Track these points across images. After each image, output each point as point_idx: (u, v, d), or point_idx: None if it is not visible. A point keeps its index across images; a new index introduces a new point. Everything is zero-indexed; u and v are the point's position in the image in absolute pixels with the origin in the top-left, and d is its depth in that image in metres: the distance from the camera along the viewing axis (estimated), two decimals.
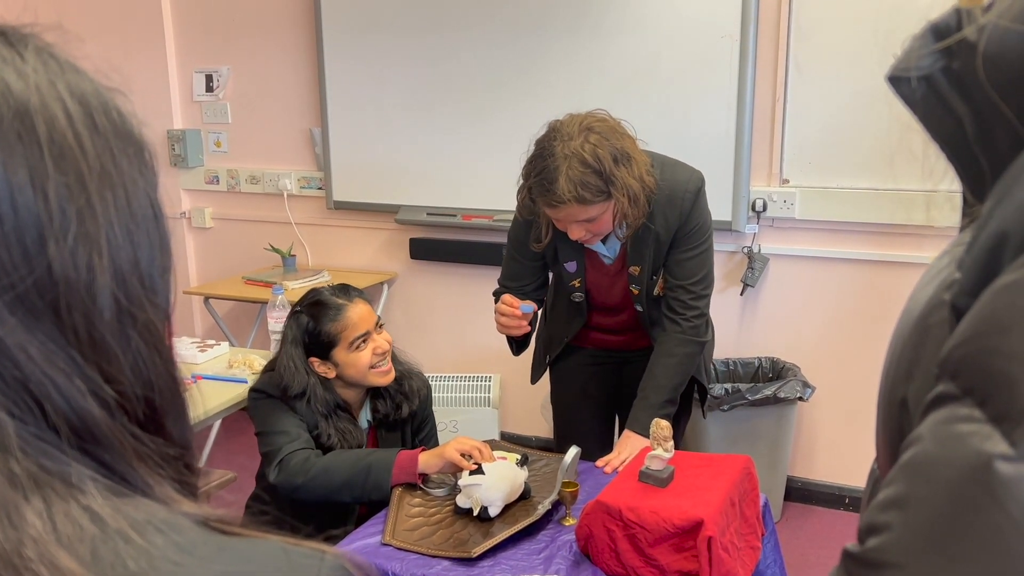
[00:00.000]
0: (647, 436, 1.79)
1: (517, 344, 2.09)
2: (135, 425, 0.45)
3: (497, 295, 2.16)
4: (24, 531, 0.37)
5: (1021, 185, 0.41)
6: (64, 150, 0.42)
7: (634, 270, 2.00)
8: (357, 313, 1.91)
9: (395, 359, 2.05)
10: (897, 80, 0.50)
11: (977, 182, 0.48)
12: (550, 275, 2.19)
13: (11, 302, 0.39)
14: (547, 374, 2.32)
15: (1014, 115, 0.45)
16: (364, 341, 1.91)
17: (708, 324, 2.10)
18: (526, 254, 2.06)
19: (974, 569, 0.38)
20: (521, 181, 1.89)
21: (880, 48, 2.61)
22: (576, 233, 1.85)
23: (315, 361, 1.92)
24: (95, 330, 0.43)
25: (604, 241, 2.00)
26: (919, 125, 0.50)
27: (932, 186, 0.54)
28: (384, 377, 1.95)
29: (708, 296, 2.04)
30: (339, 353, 1.90)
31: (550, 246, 2.01)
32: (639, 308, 2.06)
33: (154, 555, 0.40)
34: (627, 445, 2.00)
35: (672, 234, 1.96)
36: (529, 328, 1.99)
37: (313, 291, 1.99)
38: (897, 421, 0.49)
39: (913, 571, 0.40)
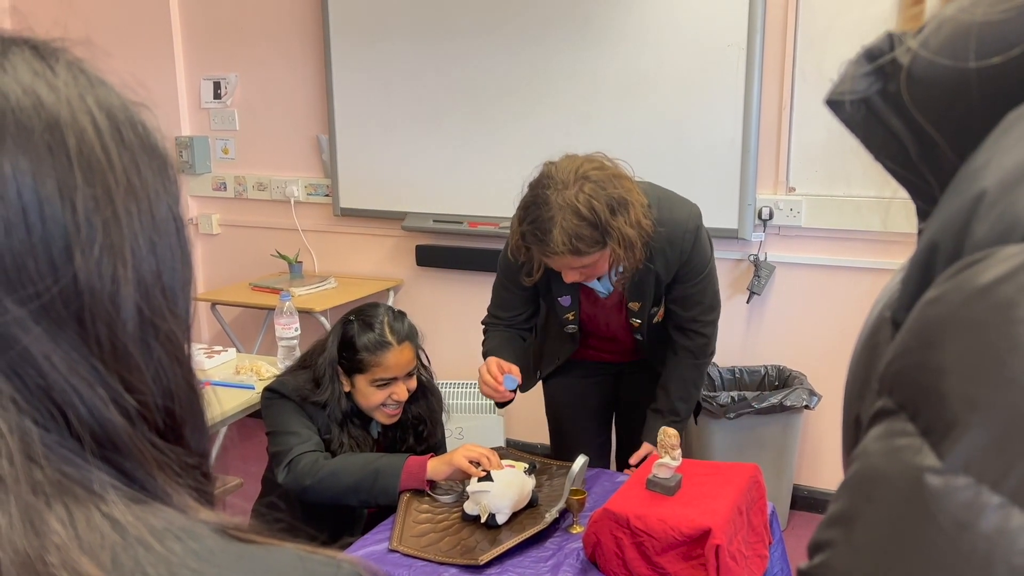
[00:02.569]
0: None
1: (499, 403, 2.05)
2: (155, 434, 0.46)
3: (487, 326, 2.12)
4: (47, 538, 0.38)
5: (949, 198, 0.42)
6: (92, 163, 0.42)
7: (633, 306, 1.98)
8: (395, 359, 1.91)
9: (425, 392, 2.06)
10: (836, 104, 0.50)
11: (927, 199, 0.49)
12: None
13: (36, 311, 0.40)
14: (540, 385, 2.30)
15: (944, 142, 0.45)
16: (387, 384, 1.93)
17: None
18: (518, 284, 2.00)
19: None
20: (515, 223, 1.83)
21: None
22: (570, 277, 1.83)
23: (340, 370, 1.95)
24: (118, 340, 0.43)
25: (599, 279, 1.97)
26: (863, 147, 0.51)
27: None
28: (388, 418, 1.98)
29: (715, 321, 2.05)
30: (359, 379, 1.93)
31: (543, 280, 1.96)
32: (639, 337, 2.05)
33: (173, 562, 0.41)
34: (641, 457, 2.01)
35: (673, 273, 1.94)
36: (512, 396, 1.96)
37: (374, 309, 1.98)
38: (853, 439, 0.50)
39: None
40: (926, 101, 0.45)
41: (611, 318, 2.05)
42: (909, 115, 0.46)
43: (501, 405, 2.08)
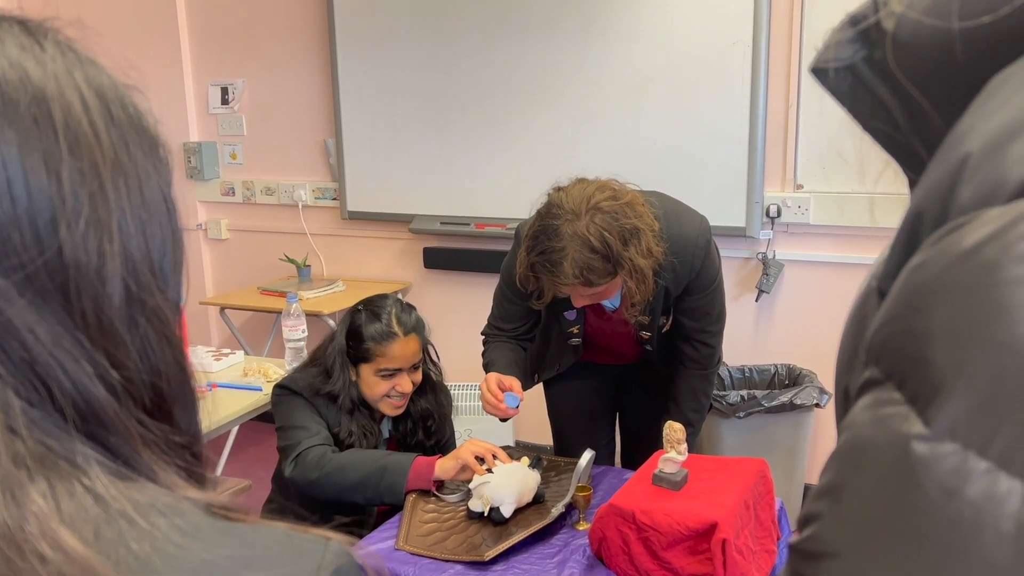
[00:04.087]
0: None
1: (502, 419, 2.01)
2: (142, 411, 0.45)
3: (487, 337, 2.09)
4: (27, 508, 0.37)
5: (935, 164, 0.41)
6: (79, 136, 0.42)
7: (643, 319, 1.95)
8: (401, 350, 1.91)
9: (434, 387, 2.06)
10: (821, 72, 0.49)
11: (917, 172, 0.48)
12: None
13: (21, 283, 0.40)
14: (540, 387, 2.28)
15: (931, 107, 0.45)
16: (391, 375, 1.93)
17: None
18: (521, 295, 1.95)
19: (902, 555, 0.37)
20: (522, 253, 1.77)
21: None
22: (580, 302, 1.81)
23: (347, 359, 1.95)
24: (103, 315, 0.43)
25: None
26: (850, 117, 0.50)
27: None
28: (392, 409, 1.98)
29: (721, 331, 2.04)
30: (364, 368, 1.93)
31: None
32: (649, 348, 2.03)
33: (157, 537, 0.40)
34: None
35: (682, 287, 1.92)
36: (515, 412, 1.92)
37: (382, 299, 1.98)
38: (842, 411, 0.49)
39: (845, 560, 0.40)
40: (912, 65, 0.45)
41: (618, 330, 2.03)
42: (896, 82, 0.46)
43: (504, 419, 2.04)
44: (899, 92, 0.46)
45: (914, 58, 0.44)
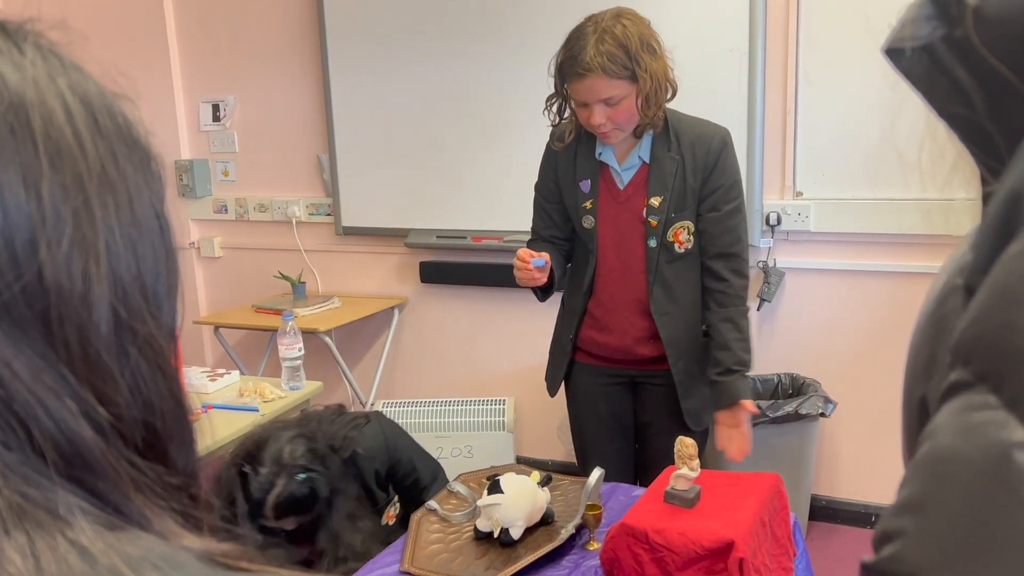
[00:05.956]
0: (746, 400, 1.96)
1: (542, 290, 2.07)
2: (133, 451, 0.41)
3: (527, 245, 2.15)
4: (3, 569, 0.33)
5: None
6: (61, 148, 0.38)
7: (655, 200, 1.97)
8: None
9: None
10: (896, 53, 0.45)
11: (993, 159, 0.45)
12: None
13: None
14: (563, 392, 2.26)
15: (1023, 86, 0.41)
16: None
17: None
18: (552, 198, 2.11)
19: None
20: (553, 66, 1.95)
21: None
22: (598, 117, 1.87)
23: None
24: (89, 345, 0.39)
25: (621, 163, 2.00)
26: (924, 102, 0.46)
27: (937, 193, 0.51)
28: None
29: (743, 260, 2.02)
30: None
31: (569, 160, 2.03)
32: (651, 244, 2.00)
33: None
34: (731, 426, 2.05)
35: (700, 178, 1.95)
36: (546, 280, 1.99)
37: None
38: (917, 422, 0.46)
39: None
40: (1000, 42, 0.41)
41: (624, 216, 2.01)
42: (977, 63, 0.42)
43: (543, 297, 2.09)
44: (980, 74, 0.42)
45: (1002, 35, 0.41)
